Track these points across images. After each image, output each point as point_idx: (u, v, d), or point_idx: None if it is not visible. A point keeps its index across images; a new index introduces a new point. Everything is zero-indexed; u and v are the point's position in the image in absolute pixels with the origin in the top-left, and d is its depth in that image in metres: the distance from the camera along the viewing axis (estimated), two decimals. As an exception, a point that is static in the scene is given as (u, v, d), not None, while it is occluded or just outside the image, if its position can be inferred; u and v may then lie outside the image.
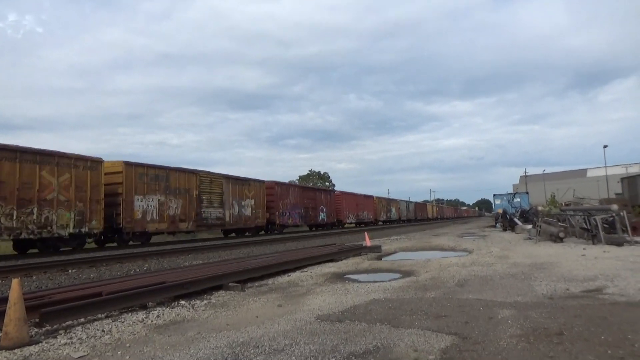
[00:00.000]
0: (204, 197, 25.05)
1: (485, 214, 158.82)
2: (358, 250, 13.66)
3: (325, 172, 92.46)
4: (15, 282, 4.63)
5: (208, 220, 25.41)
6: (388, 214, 59.26)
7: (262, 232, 32.11)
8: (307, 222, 37.81)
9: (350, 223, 47.59)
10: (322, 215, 40.44)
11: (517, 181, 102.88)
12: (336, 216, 43.82)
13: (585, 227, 15.74)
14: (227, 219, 27.27)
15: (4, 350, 4.24)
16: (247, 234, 30.05)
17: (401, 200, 69.45)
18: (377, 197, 56.32)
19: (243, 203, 28.99)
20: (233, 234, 29.77)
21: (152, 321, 5.42)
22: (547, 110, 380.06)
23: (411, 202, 76.55)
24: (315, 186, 39.69)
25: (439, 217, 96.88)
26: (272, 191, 32.75)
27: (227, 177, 27.71)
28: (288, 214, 34.60)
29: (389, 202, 62.08)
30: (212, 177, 26.22)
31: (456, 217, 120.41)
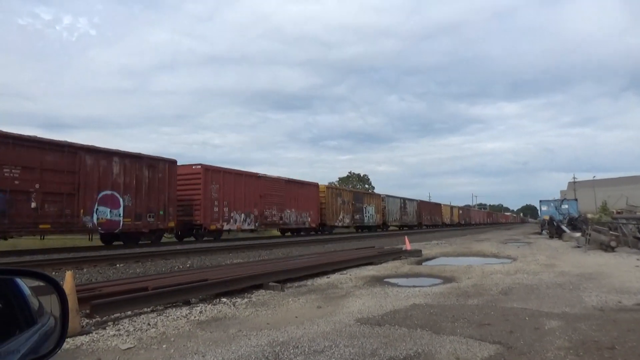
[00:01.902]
0: None
1: (530, 220, 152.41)
2: (398, 254, 13.52)
3: (365, 174, 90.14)
4: (68, 274, 4.87)
5: None
6: (357, 216, 37.29)
7: None
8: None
9: (247, 229, 25.77)
10: (111, 213, 17.28)
11: (564, 187, 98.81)
12: (176, 216, 20.42)
13: (639, 236, 14.95)
14: None
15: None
16: None
17: (390, 196, 46.24)
18: (332, 187, 36.62)
19: None
20: None
21: (195, 317, 5.56)
22: (599, 112, 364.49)
23: (412, 200, 53.22)
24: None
25: (463, 222, 76.08)
26: None
27: None
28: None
29: (361, 197, 39.30)
30: None
31: (490, 223, 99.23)
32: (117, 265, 11.59)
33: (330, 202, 33.58)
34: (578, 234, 20.05)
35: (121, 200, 17.76)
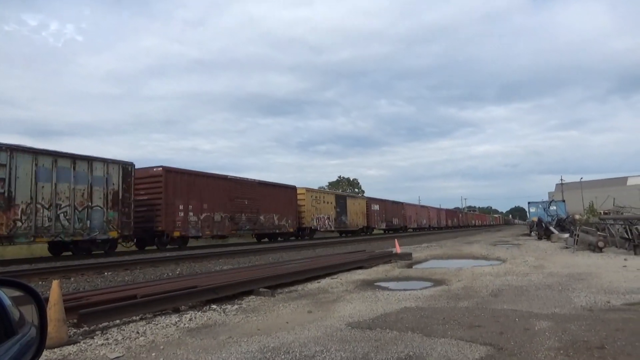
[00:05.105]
0: None
1: (517, 222, 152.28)
2: (388, 258, 13.54)
3: (355, 179, 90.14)
4: (55, 284, 4.79)
5: None
6: None
7: None
8: None
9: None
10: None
11: (553, 189, 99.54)
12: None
13: (627, 236, 15.14)
14: None
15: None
16: None
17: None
18: None
19: None
20: None
21: (184, 324, 5.50)
22: (586, 115, 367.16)
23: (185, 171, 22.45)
24: None
25: (385, 227, 44.52)
26: None
27: None
28: None
29: None
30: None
31: (453, 227, 72.48)
32: (105, 273, 11.45)
33: None
34: (566, 235, 20.25)
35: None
